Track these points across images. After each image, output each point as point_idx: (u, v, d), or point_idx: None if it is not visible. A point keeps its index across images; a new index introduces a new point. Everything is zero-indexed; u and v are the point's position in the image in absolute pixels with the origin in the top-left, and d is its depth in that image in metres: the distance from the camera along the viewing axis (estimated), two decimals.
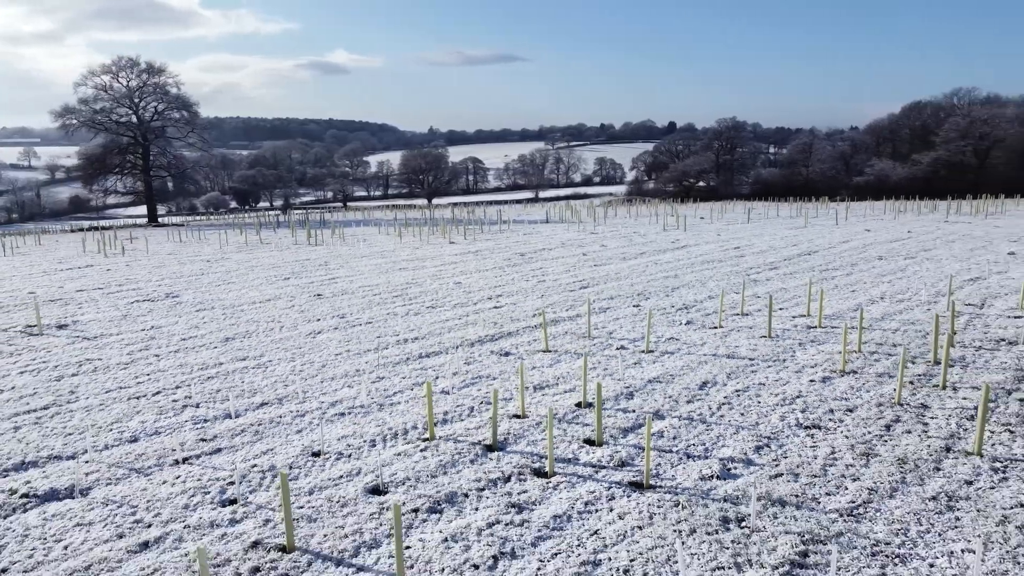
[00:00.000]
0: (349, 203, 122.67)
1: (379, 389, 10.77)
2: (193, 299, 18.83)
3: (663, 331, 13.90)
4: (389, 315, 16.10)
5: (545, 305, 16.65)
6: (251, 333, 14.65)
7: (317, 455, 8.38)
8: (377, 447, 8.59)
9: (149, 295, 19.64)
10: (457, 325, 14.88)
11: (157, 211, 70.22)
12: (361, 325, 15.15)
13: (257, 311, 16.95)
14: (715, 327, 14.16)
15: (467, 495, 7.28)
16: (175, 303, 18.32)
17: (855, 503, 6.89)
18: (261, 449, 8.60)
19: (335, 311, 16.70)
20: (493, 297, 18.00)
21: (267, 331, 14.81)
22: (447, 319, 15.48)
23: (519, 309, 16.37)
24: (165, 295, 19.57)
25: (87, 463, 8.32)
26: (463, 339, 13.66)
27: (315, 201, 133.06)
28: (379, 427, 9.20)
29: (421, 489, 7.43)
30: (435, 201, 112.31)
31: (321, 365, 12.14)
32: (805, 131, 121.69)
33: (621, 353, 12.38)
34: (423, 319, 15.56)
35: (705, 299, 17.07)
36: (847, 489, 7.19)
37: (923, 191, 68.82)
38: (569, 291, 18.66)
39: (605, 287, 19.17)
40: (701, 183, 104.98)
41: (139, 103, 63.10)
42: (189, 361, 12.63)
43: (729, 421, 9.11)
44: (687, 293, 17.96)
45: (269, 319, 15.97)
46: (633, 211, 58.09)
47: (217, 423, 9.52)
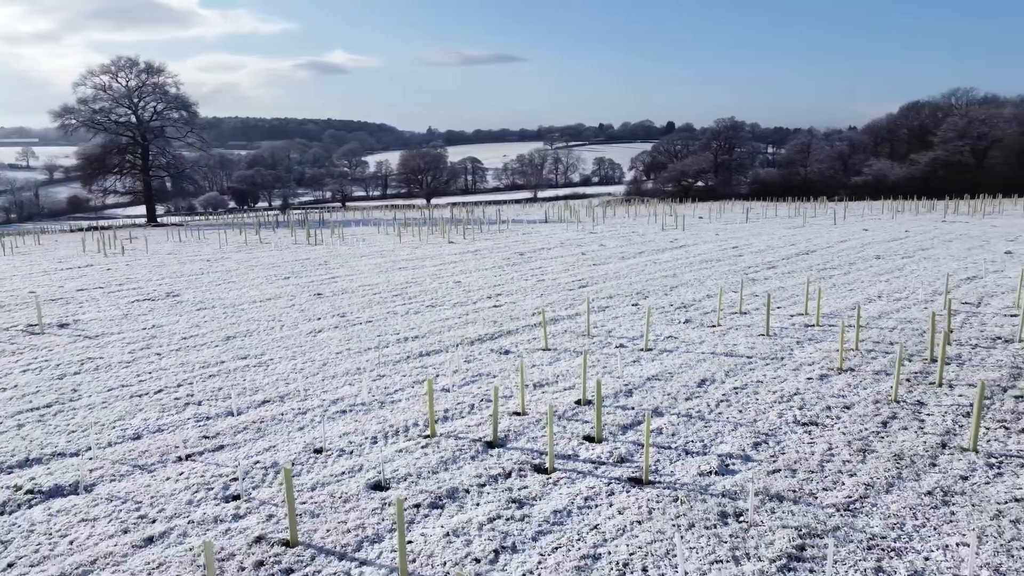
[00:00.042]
0: (348, 203, 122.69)
1: (380, 387, 10.85)
2: (194, 298, 18.89)
3: (662, 329, 13.98)
4: (389, 314, 16.17)
5: (544, 304, 16.72)
6: (252, 332, 14.72)
7: (319, 452, 8.45)
8: (378, 444, 8.66)
9: (150, 294, 19.70)
10: (457, 324, 14.96)
11: (156, 211, 70.20)
12: (361, 324, 15.23)
13: (258, 310, 17.02)
14: (713, 325, 14.25)
15: (468, 491, 7.36)
16: (176, 302, 18.38)
17: (852, 498, 6.98)
18: (263, 446, 8.68)
19: (335, 310, 16.77)
20: (492, 296, 18.08)
21: (268, 330, 14.88)
22: (447, 318, 15.56)
23: (518, 308, 16.45)
24: (166, 294, 19.63)
25: (91, 460, 8.39)
26: (463, 337, 13.74)
27: (313, 201, 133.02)
28: (380, 424, 9.27)
29: (422, 485, 7.51)
30: (434, 201, 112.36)
31: (322, 363, 12.22)
32: (803, 131, 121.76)
33: (620, 351, 12.46)
34: (423, 318, 15.64)
35: (703, 298, 17.16)
36: (844, 484, 7.28)
37: (921, 191, 68.96)
38: (568, 290, 18.74)
39: (604, 286, 19.25)
40: (699, 183, 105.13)
41: (138, 103, 63.13)
42: (190, 359, 12.70)
43: (727, 418, 9.19)
44: (686, 292, 18.05)
45: (270, 318, 16.03)
46: (632, 211, 58.17)
47: (219, 420, 9.59)
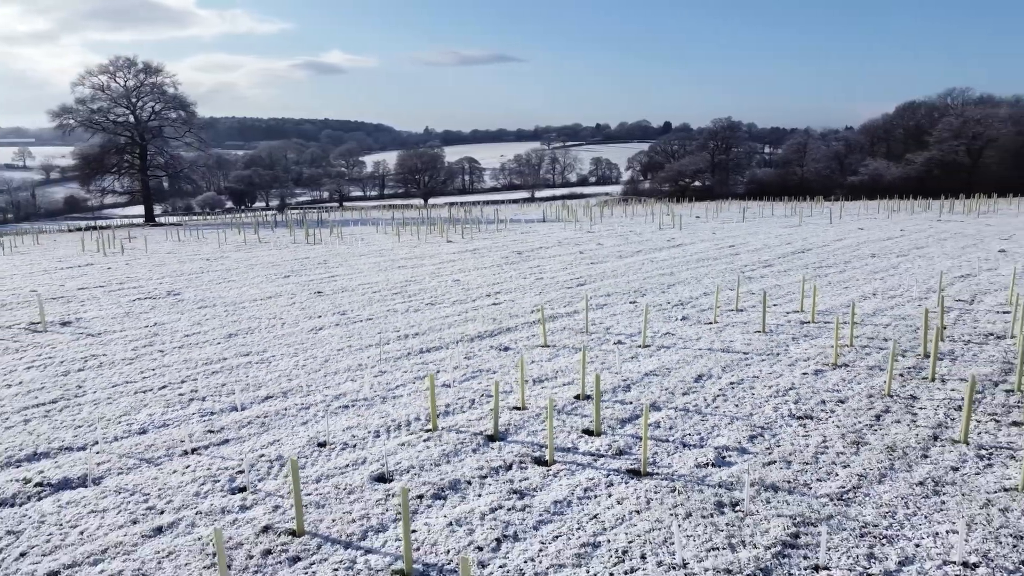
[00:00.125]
0: (345, 203, 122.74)
1: (381, 383, 10.99)
2: (194, 297, 19.02)
3: (659, 326, 14.14)
4: (389, 312, 16.32)
5: (543, 302, 16.88)
6: (253, 329, 14.86)
7: (323, 445, 8.60)
8: (381, 438, 8.81)
9: (150, 293, 19.82)
10: (457, 321, 15.10)
11: (154, 211, 70.23)
12: (362, 321, 15.37)
13: (258, 308, 17.15)
14: (710, 322, 14.41)
15: (470, 482, 7.51)
16: (176, 300, 18.51)
17: (845, 488, 7.14)
18: (268, 440, 8.82)
19: (336, 308, 16.91)
20: (492, 294, 18.23)
21: (269, 327, 15.01)
22: (447, 315, 15.71)
23: (517, 306, 16.60)
24: (166, 293, 19.76)
25: (98, 454, 8.53)
26: (463, 335, 13.89)
27: (311, 201, 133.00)
28: (382, 419, 9.42)
29: (425, 477, 7.66)
30: (431, 201, 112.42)
31: (324, 360, 12.36)
32: (800, 131, 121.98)
33: (618, 348, 12.62)
34: (423, 315, 15.79)
35: (700, 296, 17.33)
36: (838, 475, 7.44)
37: (917, 190, 69.20)
38: (566, 288, 18.90)
39: (602, 284, 19.41)
40: (696, 183, 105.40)
41: (136, 103, 63.13)
42: (193, 356, 12.83)
43: (724, 412, 9.36)
44: (683, 290, 18.21)
45: (271, 316, 16.17)
46: (629, 210, 58.34)
47: (223, 415, 9.73)
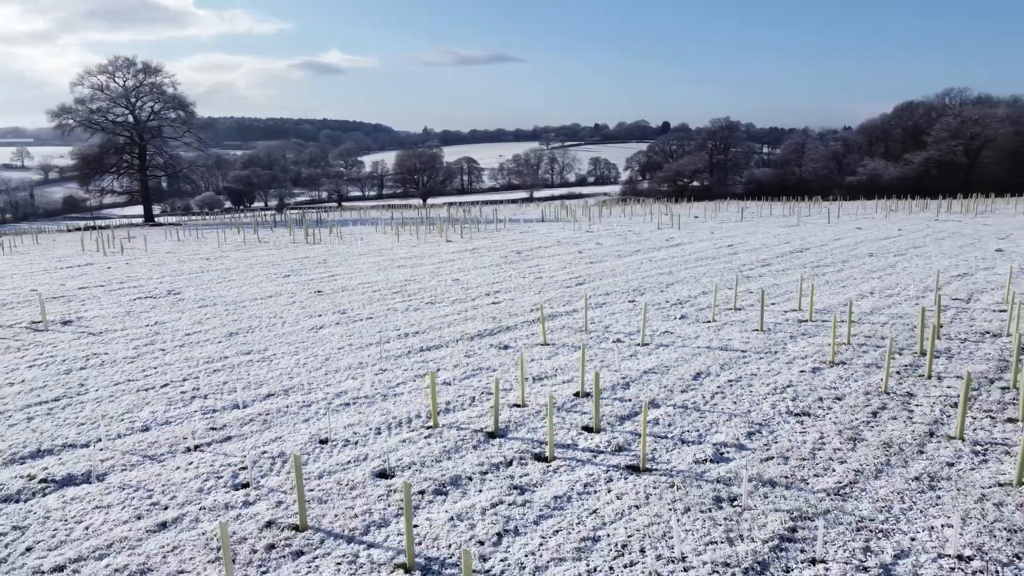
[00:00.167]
0: (344, 203, 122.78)
1: (382, 380, 11.07)
2: (195, 296, 19.08)
3: (658, 325, 14.23)
4: (389, 311, 16.39)
5: (542, 300, 16.95)
6: (254, 328, 14.93)
7: (324, 442, 8.67)
8: (382, 434, 8.88)
9: (151, 292, 19.88)
10: (456, 320, 15.18)
11: (153, 211, 70.26)
12: (362, 320, 15.44)
13: (259, 307, 17.22)
14: (709, 321, 14.50)
15: (471, 478, 7.59)
16: (177, 300, 18.57)
17: (842, 483, 7.23)
18: (270, 437, 8.89)
19: (336, 307, 16.98)
20: (491, 293, 18.30)
21: (270, 326, 15.08)
22: (446, 314, 15.78)
23: (517, 304, 16.68)
24: (167, 292, 19.82)
25: (101, 451, 8.59)
26: (463, 333, 13.96)
27: (309, 201, 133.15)
28: (384, 416, 9.50)
29: (426, 473, 7.73)
30: (430, 201, 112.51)
31: (324, 358, 12.43)
32: (798, 131, 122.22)
33: (617, 346, 12.70)
34: (423, 314, 15.86)
35: (699, 295, 17.41)
36: (834, 471, 7.52)
37: (915, 190, 69.39)
38: (565, 287, 18.98)
39: (601, 283, 19.49)
40: (695, 183, 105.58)
41: (135, 103, 63.19)
42: (194, 355, 12.90)
43: (722, 409, 9.44)
44: (681, 289, 18.30)
45: (271, 315, 16.24)
46: (627, 210, 58.44)
47: (225, 413, 9.80)
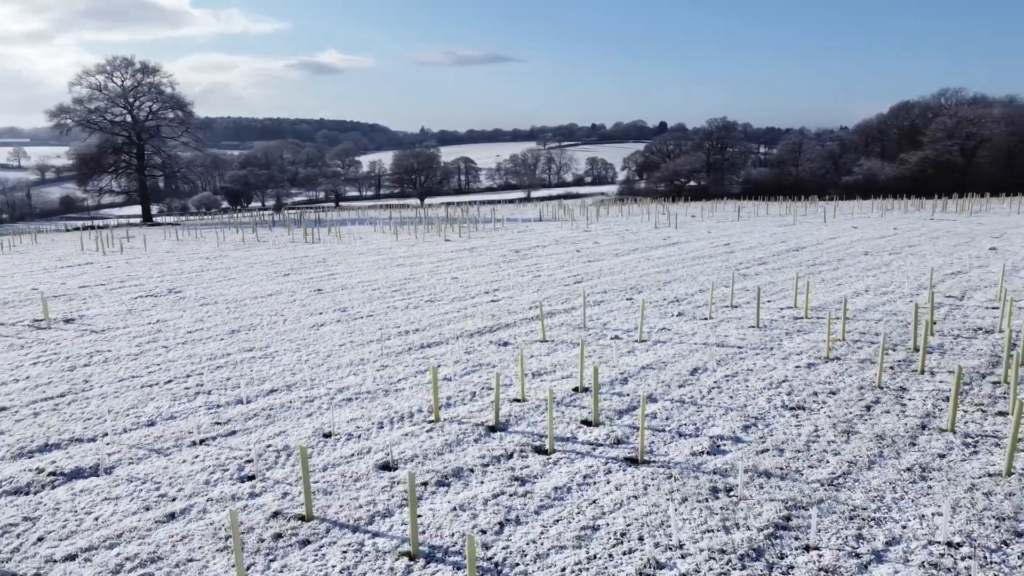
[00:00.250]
0: (341, 203, 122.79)
1: (383, 376, 11.21)
2: (196, 294, 19.20)
3: (655, 322, 14.39)
4: (389, 309, 16.53)
5: (541, 298, 17.10)
6: (255, 326, 15.06)
7: (328, 436, 8.82)
8: (385, 428, 9.03)
9: (152, 291, 20.00)
10: (456, 318, 15.33)
11: (151, 210, 70.25)
12: (363, 318, 15.58)
13: (260, 305, 17.35)
14: (706, 318, 14.66)
15: (473, 470, 7.74)
16: (178, 298, 18.69)
17: (835, 474, 7.39)
18: (274, 431, 9.04)
19: (336, 305, 17.12)
20: (490, 291, 18.45)
21: (271, 324, 15.22)
22: (446, 312, 15.93)
23: (516, 302, 16.83)
24: (168, 291, 19.93)
25: (108, 445, 8.73)
26: (463, 330, 14.11)
27: (307, 201, 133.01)
28: (386, 411, 9.64)
29: (429, 465, 7.89)
30: (427, 201, 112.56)
31: (326, 355, 12.57)
32: (795, 131, 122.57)
33: (615, 343, 12.86)
34: (423, 312, 16.01)
35: (696, 292, 17.58)
36: (828, 462, 7.69)
37: (911, 190, 69.65)
38: (564, 285, 19.14)
39: (599, 281, 19.65)
40: (692, 182, 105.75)
41: (133, 103, 63.17)
42: (197, 352, 13.03)
43: (719, 403, 9.60)
44: (678, 287, 18.46)
45: (272, 313, 16.37)
46: (625, 210, 58.60)
47: (229, 408, 9.94)
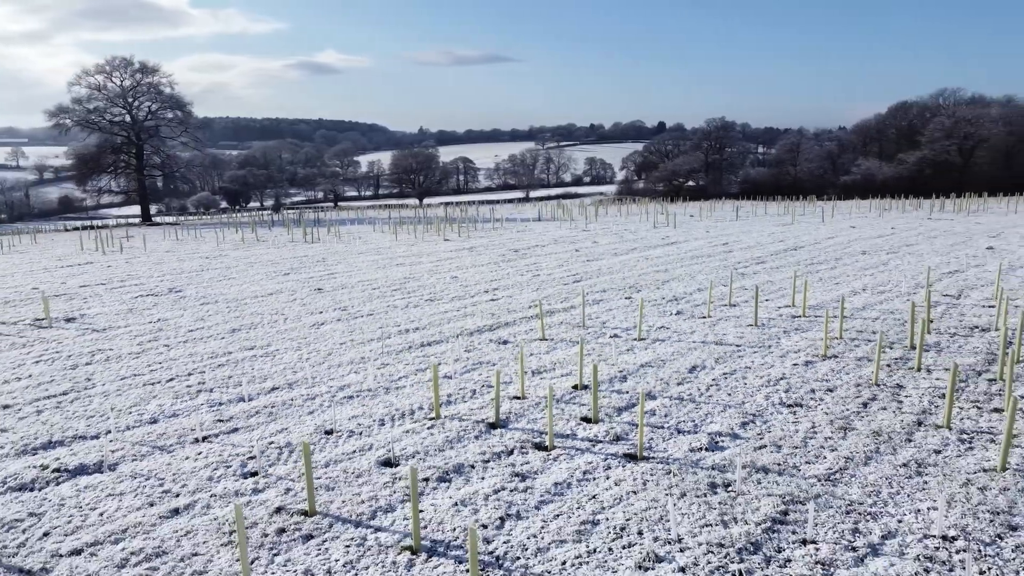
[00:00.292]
0: (340, 203, 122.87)
1: (384, 374, 11.29)
2: (196, 294, 19.27)
3: (654, 321, 14.47)
4: (389, 307, 16.61)
5: (540, 297, 17.18)
6: (256, 325, 15.13)
7: (330, 433, 8.89)
8: (386, 425, 9.10)
9: (152, 290, 20.06)
10: (456, 316, 15.41)
11: (150, 210, 70.31)
12: (363, 317, 15.66)
13: (260, 304, 17.42)
14: (704, 317, 14.75)
15: (473, 466, 7.82)
16: (179, 297, 18.75)
17: (832, 470, 7.47)
18: (276, 428, 9.11)
19: (336, 304, 17.19)
20: (489, 290, 18.53)
21: (272, 323, 15.28)
22: (446, 311, 16.01)
23: (515, 301, 16.91)
24: (168, 290, 20.00)
25: (111, 442, 8.80)
26: (462, 329, 14.19)
27: (305, 201, 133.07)
28: (387, 408, 9.72)
29: (430, 461, 7.96)
30: (426, 201, 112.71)
31: (327, 353, 12.64)
32: (793, 131, 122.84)
33: (614, 341, 12.94)
34: (423, 311, 16.08)
35: (694, 291, 17.67)
36: (825, 458, 7.77)
37: (908, 190, 69.83)
38: (563, 284, 19.22)
39: (598, 280, 19.74)
40: (690, 182, 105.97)
41: (133, 103, 63.25)
42: (198, 350, 13.10)
43: (717, 400, 9.68)
44: (677, 286, 18.55)
45: (273, 312, 16.44)
46: (623, 210, 58.71)
47: (232, 406, 10.01)
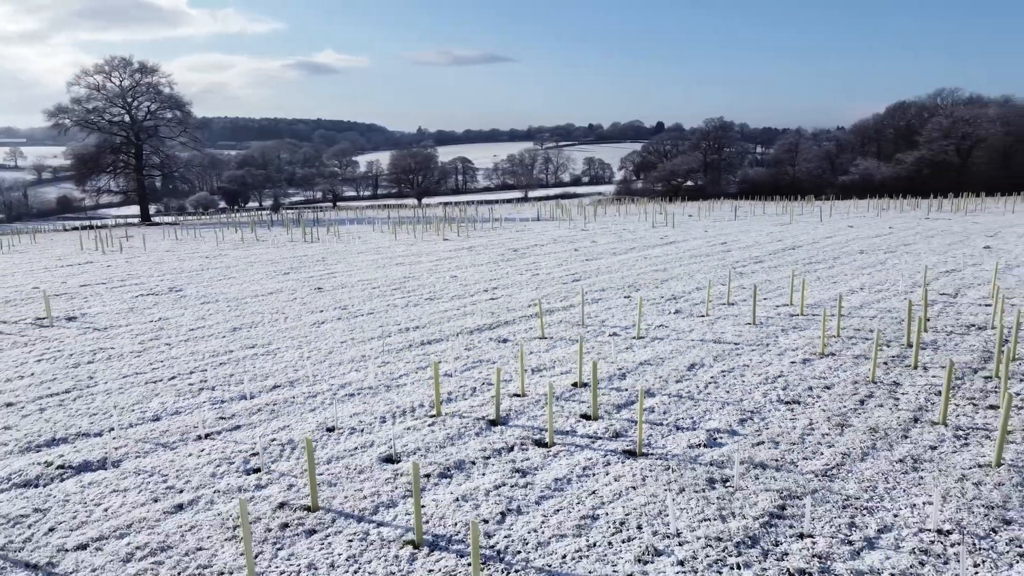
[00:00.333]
0: (339, 203, 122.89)
1: (385, 372, 11.36)
2: (196, 293, 19.33)
3: (653, 319, 14.55)
4: (389, 306, 16.68)
5: (540, 296, 17.26)
6: (257, 324, 15.19)
7: (331, 430, 8.96)
8: (387, 423, 9.18)
9: (152, 289, 20.12)
10: (456, 315, 15.48)
11: (149, 210, 70.33)
12: (363, 316, 15.73)
13: (260, 303, 17.48)
14: (703, 315, 14.83)
15: (474, 462, 7.89)
16: (179, 297, 18.82)
17: (829, 466, 7.56)
18: (278, 426, 9.18)
19: (337, 303, 17.26)
20: (489, 289, 18.61)
21: (272, 322, 15.35)
22: (446, 310, 16.08)
23: (515, 300, 16.99)
24: (168, 289, 20.06)
25: (115, 439, 8.87)
26: (462, 328, 14.26)
27: (304, 201, 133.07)
28: (388, 406, 9.79)
29: (431, 458, 8.04)
30: (425, 200, 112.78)
31: (328, 352, 12.72)
32: (791, 131, 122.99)
33: (613, 339, 13.02)
34: (423, 310, 16.15)
35: (693, 290, 17.75)
36: (822, 454, 7.86)
37: (907, 190, 69.96)
38: (562, 283, 19.30)
39: (597, 280, 19.82)
40: (689, 182, 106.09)
41: (132, 103, 63.28)
42: (200, 349, 13.17)
43: (715, 398, 9.76)
44: (676, 285, 18.63)
45: (273, 311, 16.51)
46: (622, 209, 58.80)
47: (233, 403, 10.08)
